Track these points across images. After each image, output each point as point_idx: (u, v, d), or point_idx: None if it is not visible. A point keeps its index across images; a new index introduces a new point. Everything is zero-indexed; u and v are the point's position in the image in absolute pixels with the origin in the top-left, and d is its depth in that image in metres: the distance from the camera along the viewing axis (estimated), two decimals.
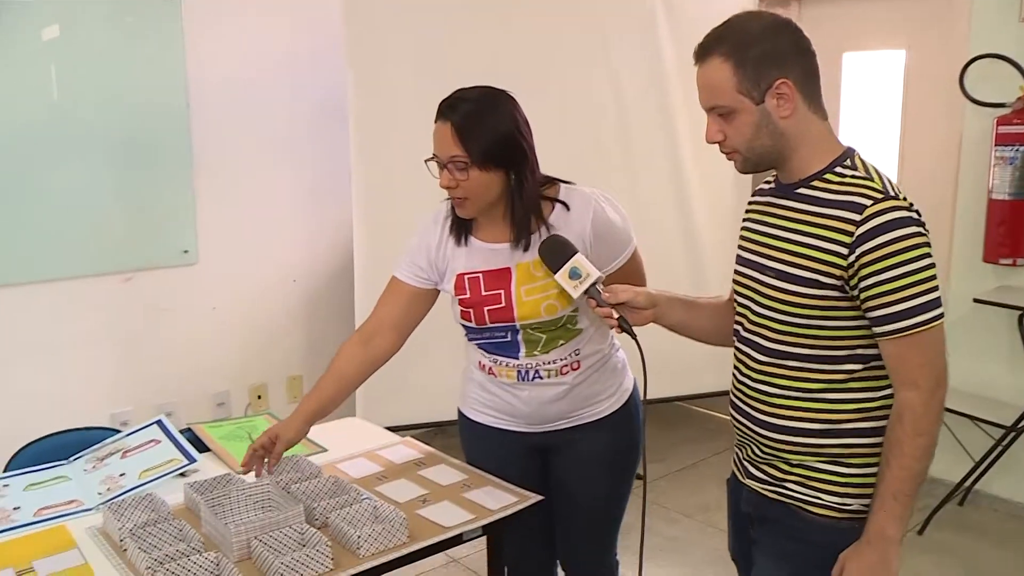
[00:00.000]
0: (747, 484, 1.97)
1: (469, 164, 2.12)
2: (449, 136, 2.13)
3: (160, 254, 4.01)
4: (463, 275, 2.28)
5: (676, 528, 4.02)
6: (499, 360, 2.32)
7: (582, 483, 2.41)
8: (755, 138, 1.76)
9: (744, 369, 1.91)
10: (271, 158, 4.26)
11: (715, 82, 1.75)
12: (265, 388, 4.39)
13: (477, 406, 2.45)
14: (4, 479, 2.44)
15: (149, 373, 4.04)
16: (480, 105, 2.15)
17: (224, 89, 4.07)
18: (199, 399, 4.18)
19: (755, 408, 1.89)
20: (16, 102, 3.54)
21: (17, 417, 3.56)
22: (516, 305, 2.22)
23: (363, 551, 1.97)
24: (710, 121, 1.80)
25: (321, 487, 2.24)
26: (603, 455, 2.40)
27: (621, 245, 2.28)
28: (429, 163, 2.21)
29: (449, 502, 2.24)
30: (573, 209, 2.23)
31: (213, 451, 2.60)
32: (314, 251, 4.45)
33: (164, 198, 3.99)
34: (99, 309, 3.88)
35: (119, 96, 3.78)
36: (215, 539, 2.02)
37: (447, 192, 2.22)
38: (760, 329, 1.86)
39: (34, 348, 3.73)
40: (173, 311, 4.07)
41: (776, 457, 1.87)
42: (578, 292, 1.99)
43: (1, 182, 3.55)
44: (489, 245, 2.26)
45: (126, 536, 2.00)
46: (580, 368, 2.31)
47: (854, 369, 1.78)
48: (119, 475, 2.39)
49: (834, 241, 1.71)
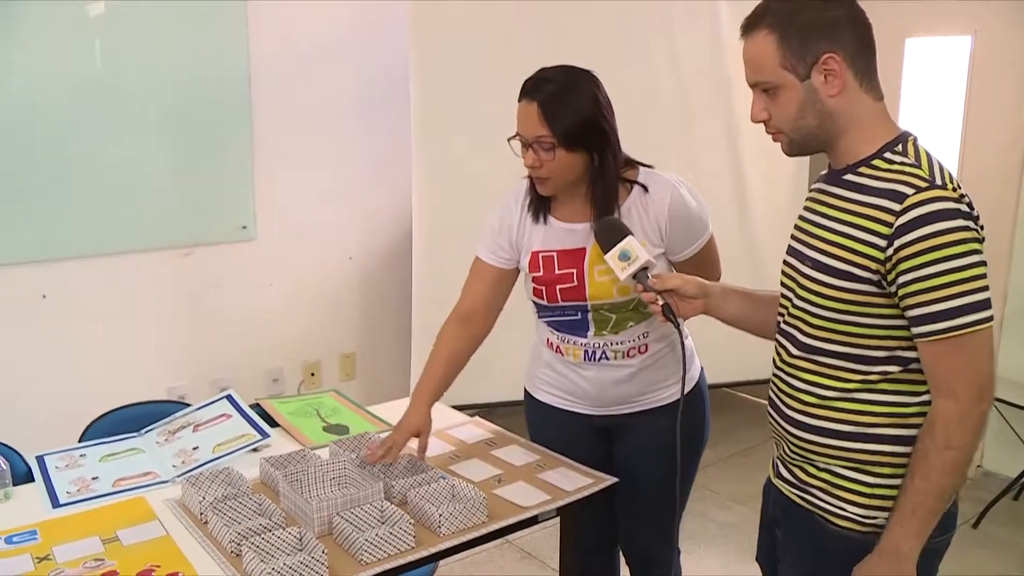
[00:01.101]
0: (775, 484, 1.90)
1: (555, 145, 2.11)
2: (535, 116, 2.11)
3: (219, 230, 4.01)
4: (538, 253, 2.28)
5: (730, 514, 4.00)
6: (567, 339, 2.31)
7: (645, 469, 2.39)
8: (800, 117, 1.65)
9: (779, 362, 1.82)
10: (331, 133, 4.23)
11: (759, 56, 1.65)
12: (319, 365, 4.39)
13: (544, 386, 2.45)
14: (81, 449, 2.46)
15: (205, 348, 4.05)
16: (565, 86, 2.13)
17: (286, 63, 4.05)
18: (254, 375, 4.18)
19: (785, 404, 1.79)
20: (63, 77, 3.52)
21: (80, 390, 3.63)
22: (588, 285, 2.22)
23: (443, 530, 1.97)
24: (755, 99, 1.70)
25: (397, 465, 2.25)
26: (666, 441, 2.36)
27: (696, 232, 2.27)
28: (512, 141, 2.20)
29: (524, 482, 2.23)
30: (651, 192, 2.22)
31: (282, 427, 2.60)
32: (371, 228, 4.44)
33: (224, 173, 3.98)
34: (158, 284, 3.89)
35: (179, 70, 3.77)
36: (295, 514, 2.02)
37: (528, 171, 2.21)
38: (797, 322, 1.76)
39: (93, 321, 3.74)
40: (230, 286, 4.07)
41: (803, 459, 1.78)
42: (625, 274, 1.97)
43: (60, 157, 3.55)
44: (566, 225, 2.26)
45: (207, 509, 2.01)
46: (647, 352, 2.31)
47: (890, 371, 1.66)
48: (192, 448, 2.40)
49: (872, 232, 1.59)
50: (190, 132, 3.85)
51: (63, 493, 2.19)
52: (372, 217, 4.43)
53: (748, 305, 2.00)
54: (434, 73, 3.98)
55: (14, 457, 2.34)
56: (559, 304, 2.27)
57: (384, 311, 4.53)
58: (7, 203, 3.46)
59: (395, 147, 4.31)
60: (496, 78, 3.99)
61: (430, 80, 3.98)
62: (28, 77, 3.44)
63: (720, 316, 2.00)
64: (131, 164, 3.72)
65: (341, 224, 4.35)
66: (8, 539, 1.97)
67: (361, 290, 4.47)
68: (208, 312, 4.04)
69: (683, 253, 2.26)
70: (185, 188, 3.88)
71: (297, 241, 4.22)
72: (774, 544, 1.93)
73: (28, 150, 3.48)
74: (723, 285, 2.01)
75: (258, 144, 4.02)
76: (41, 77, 3.46)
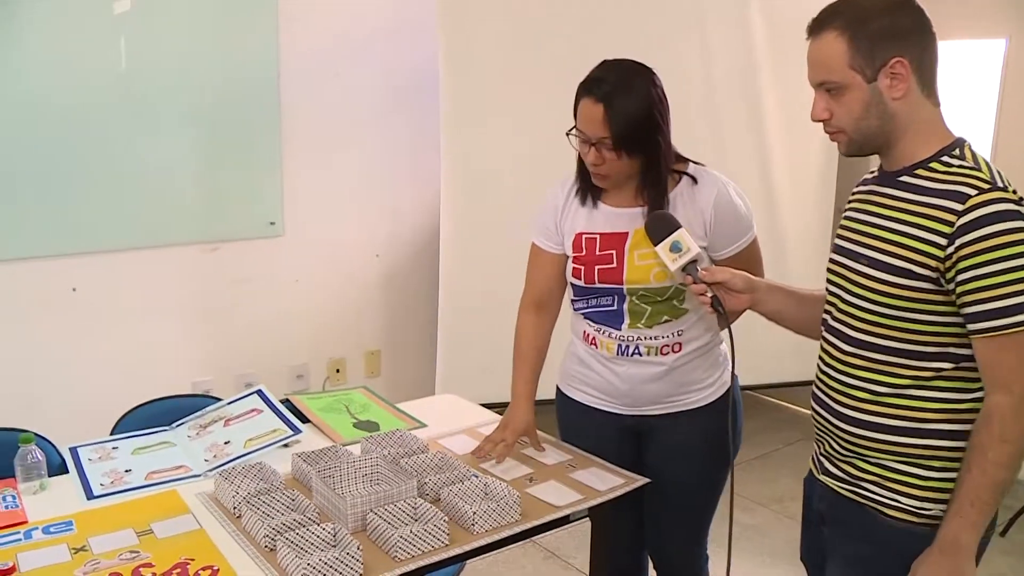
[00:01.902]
0: (821, 480, 1.91)
1: (618, 146, 2.15)
2: (600, 118, 2.14)
3: (246, 226, 4.03)
4: (582, 234, 2.31)
5: (753, 517, 3.99)
6: (603, 330, 2.32)
7: (674, 472, 2.39)
8: (863, 118, 1.69)
9: (828, 359, 1.85)
10: (360, 130, 4.24)
11: (827, 57, 1.69)
12: (344, 362, 4.40)
13: (575, 383, 2.46)
14: (113, 442, 2.48)
15: (231, 343, 4.07)
16: (627, 86, 2.16)
17: (315, 59, 4.06)
18: (279, 371, 4.19)
19: (836, 400, 1.82)
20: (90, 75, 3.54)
21: (106, 382, 3.66)
22: (626, 268, 2.24)
23: (477, 528, 1.97)
24: (817, 98, 1.74)
25: (428, 462, 2.25)
26: (697, 445, 2.38)
27: (741, 231, 2.30)
28: (571, 136, 2.23)
29: (556, 482, 2.23)
30: (699, 184, 2.26)
31: (313, 422, 2.61)
32: (399, 226, 4.44)
33: (252, 170, 4.00)
34: (185, 278, 3.91)
35: (207, 67, 3.79)
36: (328, 510, 2.02)
37: (593, 168, 2.23)
38: (847, 318, 1.79)
39: (121, 315, 3.77)
40: (257, 282, 4.09)
41: (854, 454, 1.80)
42: (676, 265, 2.01)
43: (89, 153, 3.58)
44: (613, 209, 2.30)
45: (240, 504, 2.01)
46: (681, 351, 2.31)
47: (943, 367, 1.69)
48: (224, 443, 2.42)
49: (933, 231, 1.63)
50: (219, 128, 3.87)
51: (97, 485, 2.21)
52: (399, 214, 4.43)
53: (792, 302, 2.04)
54: (463, 68, 3.98)
55: (48, 448, 2.36)
56: (595, 286, 2.29)
57: (410, 309, 4.53)
58: (38, 198, 3.49)
59: (423, 143, 4.32)
60: (526, 74, 4.01)
61: (459, 75, 3.98)
62: (55, 74, 3.46)
63: (764, 311, 2.03)
64: (160, 160, 3.74)
65: (368, 221, 4.36)
66: (46, 529, 1.99)
67: (387, 287, 4.47)
68: (234, 308, 4.06)
69: (725, 251, 2.28)
70: (213, 184, 3.89)
71: (324, 237, 4.23)
72: (820, 541, 1.94)
73: (58, 146, 3.50)
74: (768, 281, 2.05)
75: (286, 140, 4.03)
76: (68, 74, 3.49)
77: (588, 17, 3.96)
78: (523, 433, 2.38)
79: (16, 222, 3.47)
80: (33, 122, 3.44)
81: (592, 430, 2.43)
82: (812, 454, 1.98)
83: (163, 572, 1.81)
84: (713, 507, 2.48)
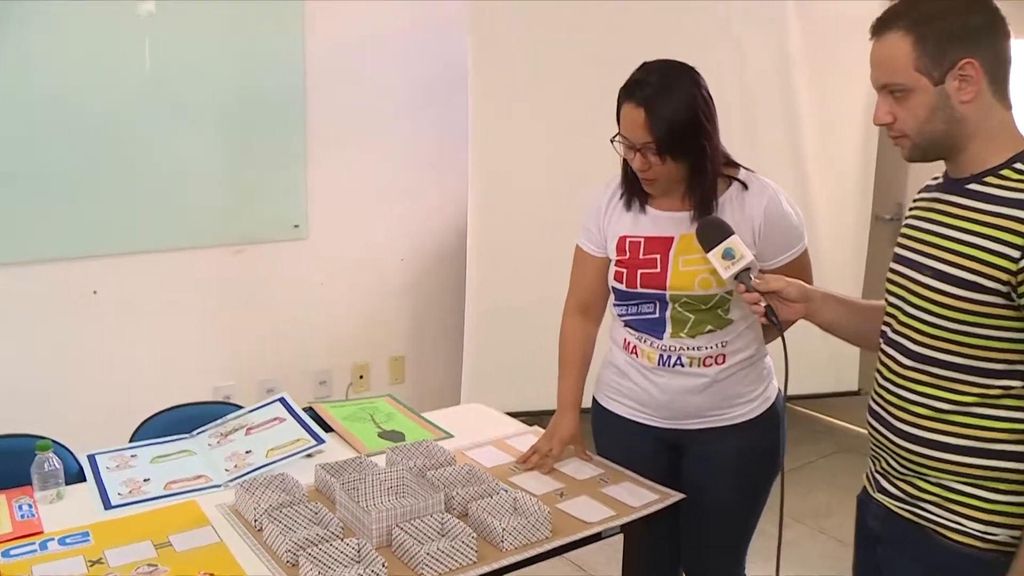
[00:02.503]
0: (877, 498, 1.83)
1: (663, 151, 2.10)
2: (642, 123, 2.09)
3: (271, 228, 3.98)
4: (626, 237, 2.27)
5: (787, 532, 3.85)
6: (644, 339, 2.27)
7: (714, 489, 2.33)
8: (928, 122, 1.61)
9: (887, 372, 1.77)
10: (386, 132, 4.19)
11: (891, 58, 1.61)
12: (367, 368, 4.35)
13: (612, 394, 2.40)
14: (132, 450, 2.45)
15: (253, 348, 4.03)
16: (668, 89, 2.11)
17: (342, 60, 4.02)
18: (301, 376, 4.15)
19: (894, 416, 1.73)
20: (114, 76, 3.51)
21: (126, 388, 3.64)
22: (671, 273, 2.20)
23: (506, 544, 1.92)
24: (880, 101, 1.67)
25: (456, 475, 2.21)
26: (738, 462, 2.32)
27: (791, 241, 2.24)
28: (615, 143, 2.19)
29: (588, 497, 2.19)
30: (750, 191, 2.21)
31: (337, 432, 2.57)
32: (425, 230, 4.40)
33: (277, 172, 3.95)
34: (208, 282, 3.87)
35: (232, 68, 3.75)
36: (352, 524, 1.98)
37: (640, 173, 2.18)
38: (908, 331, 1.71)
39: (142, 318, 3.73)
40: (280, 286, 4.05)
41: (914, 473, 1.72)
42: (729, 273, 1.97)
43: (113, 154, 3.55)
44: (660, 213, 2.25)
45: (262, 516, 1.97)
46: (724, 363, 2.25)
47: (1013, 385, 1.61)
48: (245, 452, 2.38)
49: (1004, 243, 1.55)
50: (243, 129, 3.83)
51: (115, 494, 2.17)
52: (426, 218, 4.39)
53: (848, 312, 1.97)
54: (492, 70, 3.93)
55: (66, 456, 2.33)
56: (638, 291, 2.24)
57: (435, 314, 4.48)
58: (60, 199, 3.46)
59: (451, 145, 4.27)
60: (556, 75, 3.96)
61: (488, 76, 3.93)
62: (79, 75, 3.43)
63: (818, 321, 1.97)
64: (184, 162, 3.71)
65: (394, 225, 4.31)
66: (62, 540, 1.95)
67: (412, 292, 4.43)
68: (257, 311, 4.02)
69: (774, 260, 2.22)
70: (237, 186, 3.86)
71: (349, 241, 4.19)
72: (874, 561, 1.87)
73: (80, 147, 3.47)
74: (823, 291, 1.98)
75: (311, 142, 4.00)
76: (91, 75, 3.45)
77: (619, 17, 3.90)
78: (570, 443, 2.36)
79: (37, 223, 3.44)
80: (55, 123, 3.41)
81: (628, 443, 2.38)
82: (866, 471, 1.91)
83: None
84: (753, 526, 2.42)
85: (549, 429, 2.39)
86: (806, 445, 4.74)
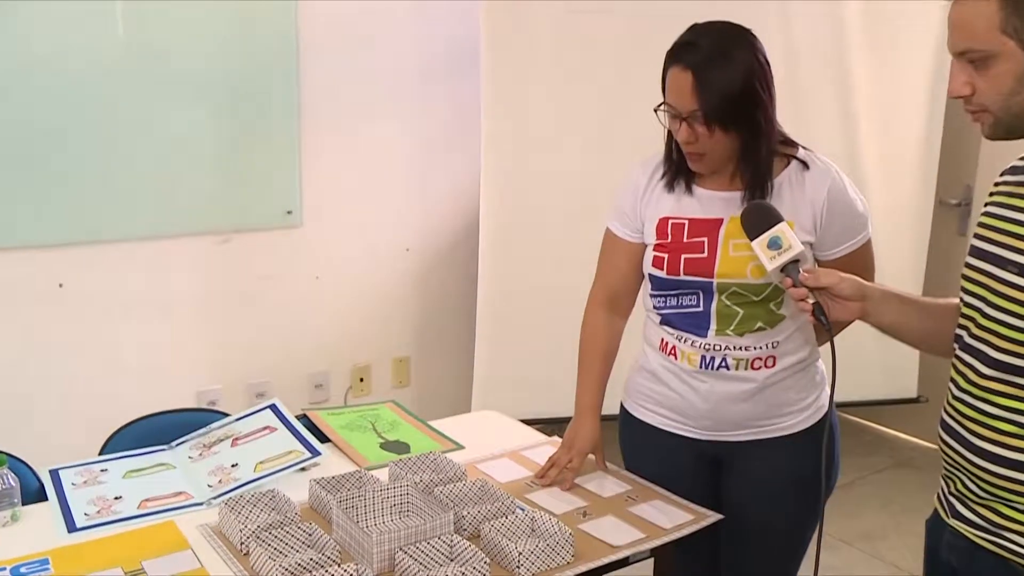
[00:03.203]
0: (952, 525, 1.75)
1: (712, 120, 2.06)
2: (689, 88, 2.06)
3: (260, 214, 3.97)
4: (667, 219, 2.23)
5: (835, 556, 3.84)
6: (684, 338, 2.23)
7: (759, 510, 2.29)
8: (1015, 92, 1.53)
9: (963, 382, 1.69)
10: (389, 108, 4.19)
11: (973, 19, 1.53)
12: (368, 370, 4.35)
13: (644, 401, 2.36)
14: (102, 463, 2.42)
15: (242, 348, 4.02)
16: (722, 53, 2.06)
17: (339, 29, 4.00)
18: (295, 379, 4.15)
19: (972, 432, 1.66)
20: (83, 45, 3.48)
21: (97, 393, 3.63)
22: (719, 258, 2.15)
23: (523, 571, 1.88)
24: (957, 70, 1.59)
25: (467, 491, 2.18)
26: (787, 479, 2.28)
27: (855, 229, 2.21)
28: (659, 112, 2.15)
29: (614, 517, 2.15)
30: (811, 171, 2.18)
31: (334, 442, 2.54)
32: (433, 217, 4.40)
33: (267, 152, 3.93)
34: (191, 273, 3.86)
35: (216, 37, 3.72)
36: (350, 547, 1.95)
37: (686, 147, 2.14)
38: (989, 336, 1.63)
39: (115, 315, 3.71)
40: (272, 278, 4.04)
41: (995, 497, 1.64)
42: (774, 264, 1.92)
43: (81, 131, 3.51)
44: (707, 192, 2.22)
45: (248, 539, 1.94)
46: (774, 367, 2.20)
47: None
48: (231, 466, 2.36)
49: None
50: (229, 106, 3.81)
51: (80, 515, 2.13)
52: (434, 204, 4.39)
53: (913, 312, 1.90)
54: (507, 42, 3.91)
55: (24, 471, 2.29)
56: (680, 278, 2.19)
57: (444, 311, 4.49)
58: (21, 182, 3.43)
59: (461, 124, 4.26)
60: (577, 50, 3.95)
61: (502, 50, 3.92)
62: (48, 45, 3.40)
63: (878, 323, 1.91)
64: (161, 140, 3.68)
65: (398, 211, 4.31)
66: (14, 569, 1.90)
67: (419, 286, 4.43)
68: (246, 307, 4.01)
69: (835, 251, 2.19)
70: (223, 168, 3.84)
71: (348, 229, 4.19)
72: None
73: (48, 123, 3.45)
74: (883, 288, 1.91)
75: (306, 120, 3.98)
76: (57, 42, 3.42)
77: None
78: (590, 452, 2.32)
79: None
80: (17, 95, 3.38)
81: (662, 457, 2.34)
82: (938, 492, 1.83)
83: None
84: (802, 552, 2.37)
85: (567, 438, 2.35)
86: (856, 458, 4.67)
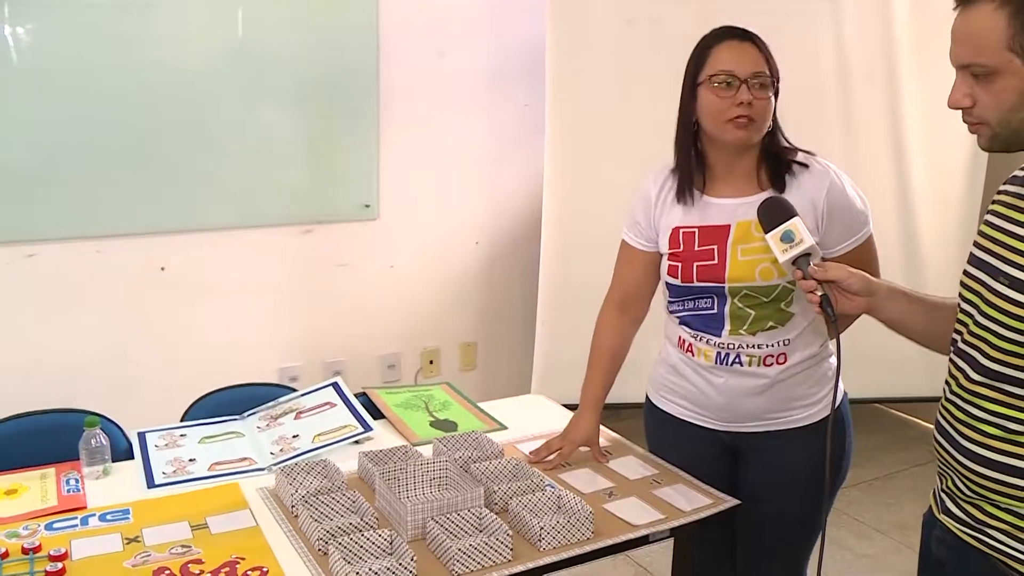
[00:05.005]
0: (941, 520, 1.73)
1: (770, 84, 2.14)
2: (755, 53, 2.14)
3: (341, 208, 4.06)
4: (679, 229, 2.25)
5: (869, 545, 3.84)
6: (701, 336, 2.25)
7: (774, 498, 2.30)
8: (1017, 109, 1.46)
9: (954, 386, 1.64)
10: (461, 110, 4.24)
11: (979, 33, 1.46)
12: (438, 353, 4.41)
13: (666, 393, 2.39)
14: (182, 429, 2.52)
15: (321, 329, 4.11)
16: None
17: (417, 35, 4.07)
18: (369, 360, 4.23)
19: (961, 434, 1.61)
20: (201, 46, 3.63)
21: (190, 365, 3.73)
22: (729, 264, 2.17)
23: (544, 544, 1.93)
24: (959, 82, 1.52)
25: (501, 469, 2.22)
26: (800, 468, 2.27)
27: (855, 227, 2.20)
28: (703, 87, 2.16)
29: (637, 498, 2.17)
30: (811, 172, 2.19)
31: (388, 419, 2.61)
32: (500, 212, 4.43)
33: (348, 149, 4.02)
34: (277, 261, 3.97)
35: (308, 42, 3.82)
36: (388, 514, 2.02)
37: (740, 109, 2.13)
38: (979, 343, 1.57)
39: (209, 297, 3.84)
40: (350, 267, 4.12)
41: (981, 496, 1.60)
42: (786, 257, 1.92)
43: (184, 128, 3.65)
44: (714, 200, 2.23)
45: (298, 503, 2.02)
46: (786, 363, 2.22)
47: None
48: (292, 436, 2.43)
49: None
50: (316, 106, 3.91)
51: (159, 473, 2.25)
52: (501, 200, 4.42)
53: (916, 309, 1.86)
54: (571, 49, 3.93)
55: (116, 433, 2.41)
56: (694, 285, 2.22)
57: (509, 299, 4.51)
58: (131, 172, 3.58)
59: (528, 125, 4.29)
60: (637, 54, 3.93)
61: (567, 56, 3.93)
62: (173, 49, 3.56)
63: (883, 318, 1.88)
64: (255, 138, 3.80)
65: (468, 206, 4.35)
66: (103, 516, 2.04)
67: (486, 277, 4.47)
68: (326, 292, 4.10)
69: (837, 248, 2.19)
70: (308, 163, 3.94)
71: (421, 222, 4.25)
72: None
73: (160, 121, 3.59)
74: (890, 284, 1.89)
75: (384, 119, 4.05)
76: (184, 49, 3.58)
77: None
78: (583, 444, 2.36)
79: (106, 197, 3.56)
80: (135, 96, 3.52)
81: (684, 445, 2.36)
82: (934, 489, 1.80)
83: (211, 570, 1.82)
84: (816, 536, 2.37)
85: (566, 428, 2.39)
86: (896, 452, 4.64)
